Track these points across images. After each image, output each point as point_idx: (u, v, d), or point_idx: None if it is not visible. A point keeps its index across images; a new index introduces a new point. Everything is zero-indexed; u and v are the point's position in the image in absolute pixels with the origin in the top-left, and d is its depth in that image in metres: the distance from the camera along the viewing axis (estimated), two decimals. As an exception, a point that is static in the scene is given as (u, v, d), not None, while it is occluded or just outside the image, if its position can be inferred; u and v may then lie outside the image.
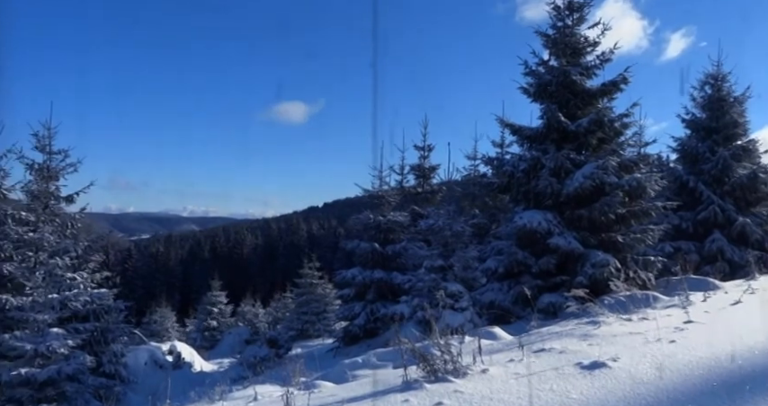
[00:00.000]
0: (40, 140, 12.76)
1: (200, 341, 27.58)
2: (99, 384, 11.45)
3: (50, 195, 12.98)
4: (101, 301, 12.96)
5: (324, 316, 25.44)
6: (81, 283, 12.53)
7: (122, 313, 14.14)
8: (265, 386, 6.40)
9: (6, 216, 11.80)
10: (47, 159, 12.86)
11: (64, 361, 10.17)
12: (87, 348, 12.08)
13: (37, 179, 12.78)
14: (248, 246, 78.81)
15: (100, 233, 19.66)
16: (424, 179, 17.63)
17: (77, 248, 13.02)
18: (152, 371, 15.46)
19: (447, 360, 4.79)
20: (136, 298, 27.89)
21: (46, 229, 12.35)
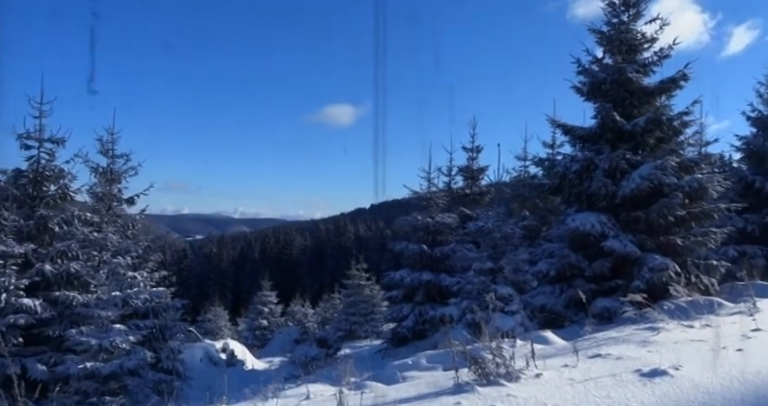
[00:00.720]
0: (104, 144, 13.40)
1: (251, 340, 28.24)
2: (158, 379, 11.89)
3: (113, 197, 13.61)
4: (159, 299, 13.44)
5: (371, 317, 25.58)
6: (141, 281, 13.04)
7: (179, 311, 14.62)
8: (317, 385, 6.49)
9: (73, 217, 12.45)
10: (110, 162, 13.49)
11: (126, 356, 10.61)
12: (147, 345, 12.55)
13: (101, 181, 13.42)
14: (297, 247, 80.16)
15: (158, 233, 20.48)
16: (473, 180, 17.45)
17: (138, 248, 13.57)
18: (207, 368, 15.95)
19: (499, 364, 4.73)
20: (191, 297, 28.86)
21: (109, 230, 12.95)
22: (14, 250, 10.83)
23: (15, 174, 12.28)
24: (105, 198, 13.43)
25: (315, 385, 6.37)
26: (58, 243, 11.99)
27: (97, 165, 13.39)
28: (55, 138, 12.31)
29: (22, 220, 11.85)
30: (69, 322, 11.40)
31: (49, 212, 12.20)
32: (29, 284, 11.01)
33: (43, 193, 12.41)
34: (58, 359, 10.72)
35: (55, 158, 12.46)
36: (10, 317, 10.26)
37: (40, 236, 12.16)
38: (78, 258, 12.25)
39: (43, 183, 12.40)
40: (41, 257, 11.76)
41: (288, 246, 79.93)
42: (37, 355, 10.95)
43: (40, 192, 12.39)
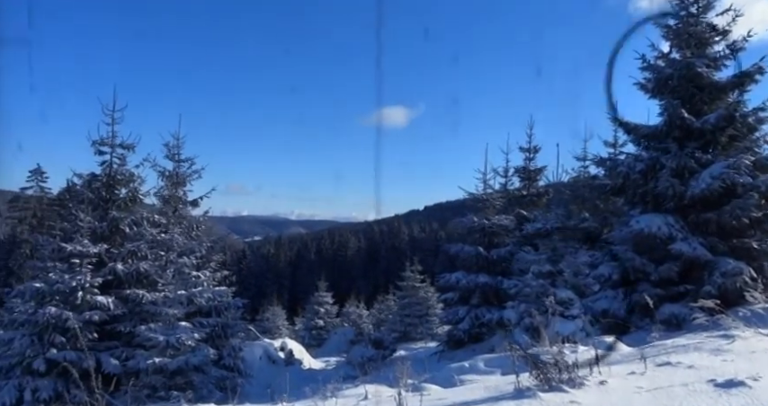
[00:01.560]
0: (171, 149, 14.02)
1: (307, 339, 28.74)
2: (220, 376, 12.29)
3: (179, 199, 14.20)
4: (221, 298, 13.90)
5: (426, 319, 25.47)
6: (204, 281, 13.52)
7: (240, 310, 15.04)
8: (374, 386, 6.53)
9: (142, 219, 13.08)
10: (176, 166, 14.09)
11: (191, 353, 11.03)
12: (210, 342, 13.00)
13: (167, 185, 14.04)
14: (352, 249, 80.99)
15: (219, 234, 21.24)
16: (530, 181, 17.09)
17: (201, 248, 14.09)
18: (266, 366, 16.37)
19: (562, 369, 4.61)
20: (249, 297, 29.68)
21: (175, 231, 13.52)
22: (89, 250, 11.48)
23: (90, 178, 13.04)
24: (171, 201, 14.03)
25: (372, 386, 6.41)
26: (129, 244, 12.62)
27: (164, 169, 14.01)
28: (126, 144, 12.98)
29: (96, 222, 12.56)
30: (139, 319, 11.95)
31: (120, 214, 12.87)
32: (102, 282, 11.63)
33: (115, 196, 13.11)
34: (129, 354, 11.27)
35: (126, 163, 13.15)
36: (86, 313, 10.87)
37: (113, 237, 12.84)
38: (147, 258, 12.84)
39: (115, 187, 13.10)
40: (114, 257, 12.41)
41: (342, 247, 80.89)
42: (110, 349, 11.55)
43: (113, 195, 13.09)
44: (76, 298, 10.81)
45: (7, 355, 10.50)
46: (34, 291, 10.88)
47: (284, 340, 20.98)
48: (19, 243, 39.08)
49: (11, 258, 38.94)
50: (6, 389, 9.89)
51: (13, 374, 10.27)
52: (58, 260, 11.37)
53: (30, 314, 10.56)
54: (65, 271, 11.06)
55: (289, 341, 21.08)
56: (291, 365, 16.81)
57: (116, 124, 12.82)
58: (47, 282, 10.89)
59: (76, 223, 11.91)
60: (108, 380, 8.01)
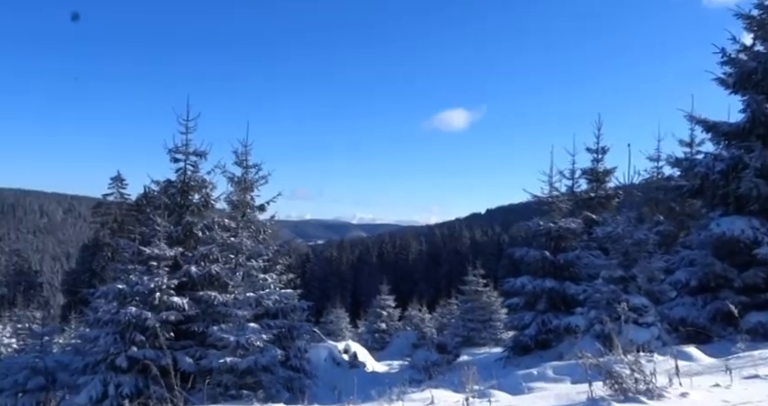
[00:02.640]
0: (239, 156, 14.53)
1: (370, 342, 28.95)
2: (288, 377, 12.60)
3: (247, 204, 14.70)
4: (287, 300, 14.24)
5: (489, 324, 25.05)
6: (271, 283, 13.90)
7: (305, 313, 15.35)
8: (440, 391, 6.50)
9: (214, 223, 13.65)
10: (244, 172, 14.59)
11: (259, 353, 11.36)
12: (277, 343, 13.33)
13: (236, 190, 14.57)
14: (413, 252, 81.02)
15: (285, 238, 21.80)
16: (598, 183, 16.49)
17: (268, 252, 14.51)
18: (330, 367, 16.64)
19: (638, 379, 4.42)
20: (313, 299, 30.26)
21: (244, 235, 14.00)
22: (166, 253, 12.09)
23: (166, 185, 13.75)
24: (240, 206, 14.55)
25: (438, 391, 6.38)
26: (202, 247, 13.18)
27: (233, 175, 14.54)
28: (198, 151, 13.61)
29: (172, 226, 13.21)
30: (211, 320, 12.45)
31: (193, 219, 13.49)
32: (177, 284, 12.21)
33: (189, 201, 13.75)
34: (203, 353, 11.75)
35: (198, 170, 13.78)
36: (163, 313, 11.45)
37: (187, 241, 13.47)
38: (218, 260, 13.36)
39: (189, 193, 13.74)
40: (188, 259, 13.00)
41: (404, 251, 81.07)
42: (185, 349, 12.10)
43: (187, 201, 13.74)
44: (154, 299, 11.40)
45: (93, 351, 11.22)
46: (116, 292, 11.57)
47: (348, 343, 21.25)
48: (101, 247, 41.80)
49: (94, 260, 41.70)
50: (93, 384, 10.57)
51: (98, 369, 10.96)
52: (137, 262, 12.05)
53: (113, 314, 11.24)
54: (144, 273, 11.70)
55: (352, 344, 21.33)
56: (355, 367, 17.00)
57: (189, 132, 13.47)
58: (128, 283, 11.56)
59: (154, 227, 12.57)
60: (183, 377, 8.39)
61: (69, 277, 44.92)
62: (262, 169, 14.75)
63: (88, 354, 11.62)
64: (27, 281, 45.48)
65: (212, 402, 9.65)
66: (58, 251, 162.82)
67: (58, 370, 12.54)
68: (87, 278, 39.55)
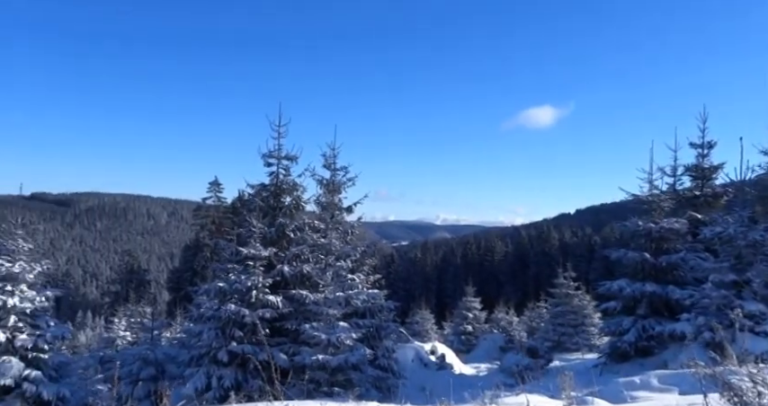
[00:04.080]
0: (327, 159, 14.94)
1: (456, 344, 28.71)
2: (377, 376, 12.77)
3: (335, 206, 15.08)
4: (375, 300, 14.42)
5: (582, 329, 24.04)
6: (359, 283, 14.16)
7: (392, 313, 15.49)
8: (535, 396, 6.30)
9: (304, 225, 14.12)
10: (332, 175, 14.98)
11: (349, 351, 11.61)
12: (365, 342, 13.55)
13: (325, 192, 14.99)
14: (498, 253, 79.34)
15: (370, 239, 22.13)
16: (704, 180, 15.29)
17: (356, 252, 14.78)
18: (418, 368, 16.66)
19: (762, 393, 4.03)
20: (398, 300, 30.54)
21: (333, 235, 14.36)
22: (261, 253, 12.66)
23: (260, 188, 14.41)
24: (329, 208, 14.94)
25: (533, 396, 6.19)
26: (293, 248, 13.68)
27: (322, 178, 14.97)
28: (290, 155, 14.15)
29: (266, 227, 13.81)
30: (303, 318, 12.86)
31: (286, 220, 14.02)
32: (272, 282, 12.74)
33: (281, 204, 14.32)
34: (296, 350, 12.18)
35: (290, 173, 14.31)
36: (259, 311, 11.98)
37: (280, 241, 14.03)
38: (309, 261, 13.80)
39: (281, 195, 14.31)
40: (281, 259, 13.53)
41: (489, 252, 79.60)
42: (279, 345, 12.59)
43: (279, 203, 14.32)
44: (251, 297, 11.97)
45: (197, 345, 11.96)
46: (217, 290, 12.26)
47: (434, 344, 21.19)
48: (201, 247, 44.57)
49: (195, 260, 44.55)
50: (198, 376, 11.27)
51: (202, 362, 11.67)
52: (235, 262, 12.71)
53: (214, 310, 11.92)
54: (241, 272, 12.32)
55: (438, 345, 21.25)
56: (443, 369, 16.90)
57: (281, 138, 14.03)
58: (227, 282, 12.22)
59: (250, 228, 13.20)
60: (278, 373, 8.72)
61: (173, 275, 48.24)
62: (349, 171, 15.08)
63: (193, 347, 12.40)
64: (137, 279, 49.43)
65: (306, 398, 9.97)
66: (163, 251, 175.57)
67: (166, 362, 13.50)
68: (189, 277, 42.34)
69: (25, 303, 10.25)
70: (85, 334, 39.41)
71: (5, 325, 9.95)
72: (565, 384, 5.91)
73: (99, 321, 48.35)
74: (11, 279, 10.24)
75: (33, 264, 10.66)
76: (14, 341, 9.95)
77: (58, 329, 10.80)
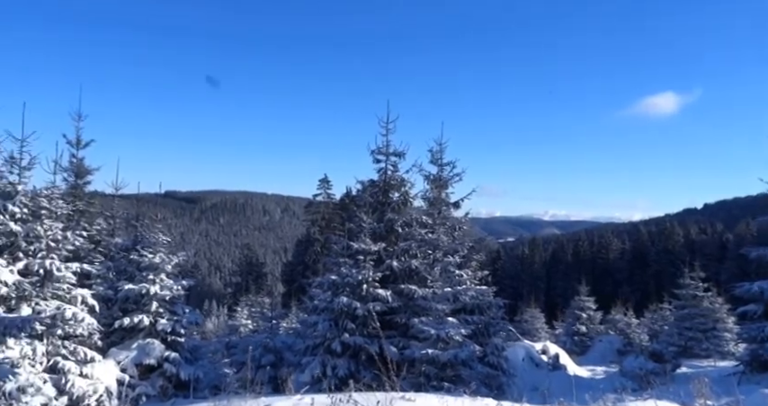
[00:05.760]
0: (434, 155, 14.96)
1: (569, 345, 27.53)
2: (486, 373, 12.59)
3: (442, 202, 15.07)
4: (483, 297, 14.23)
5: (713, 334, 22.04)
6: (467, 279, 14.05)
7: (500, 310, 15.19)
8: (664, 402, 5.87)
9: (412, 220, 14.26)
10: (439, 170, 14.99)
11: (459, 347, 11.55)
12: (474, 339, 13.42)
13: (432, 188, 15.02)
14: (614, 251, 74.75)
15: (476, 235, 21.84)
16: None
17: (463, 248, 14.67)
18: (529, 367, 16.20)
19: None
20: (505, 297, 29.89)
21: (440, 231, 14.37)
22: (371, 248, 12.96)
23: (369, 184, 14.77)
24: (436, 203, 14.96)
25: (663, 402, 5.77)
26: (402, 243, 13.86)
27: (429, 173, 15.02)
28: (398, 152, 14.35)
29: (375, 223, 14.12)
30: (412, 312, 13.00)
31: (394, 216, 14.25)
32: (381, 277, 13.01)
33: (390, 199, 14.56)
34: (405, 344, 12.35)
35: (398, 169, 14.52)
36: (369, 304, 12.29)
37: (388, 236, 14.28)
38: (417, 256, 13.91)
39: (389, 191, 14.56)
40: (390, 254, 13.77)
41: (603, 250, 75.23)
42: (389, 338, 12.83)
43: (387, 199, 14.57)
44: (362, 290, 12.31)
45: (312, 335, 12.53)
46: (330, 282, 12.76)
47: (546, 344, 20.47)
48: (312, 242, 46.58)
49: (306, 254, 46.66)
50: (314, 364, 11.81)
51: (317, 351, 12.21)
52: (346, 256, 13.13)
53: (327, 302, 12.42)
54: (352, 266, 12.71)
55: (550, 345, 20.50)
56: (557, 369, 16.28)
57: (389, 134, 14.27)
58: (339, 275, 12.67)
59: (360, 224, 13.57)
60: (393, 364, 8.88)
61: (287, 268, 50.90)
62: (456, 166, 15.01)
63: (308, 337, 13.01)
64: (255, 271, 52.79)
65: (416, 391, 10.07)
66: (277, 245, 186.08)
67: (284, 350, 14.30)
68: (302, 270, 44.45)
69: (164, 291, 11.35)
70: (212, 321, 42.84)
71: (149, 310, 11.09)
72: (700, 392, 5.44)
73: (223, 309, 52.34)
74: (153, 269, 11.40)
75: (171, 256, 11.77)
76: (156, 325, 11.06)
77: (191, 315, 11.85)
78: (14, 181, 9.04)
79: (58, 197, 11.51)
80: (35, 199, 9.59)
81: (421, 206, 15.31)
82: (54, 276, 8.22)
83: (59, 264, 8.30)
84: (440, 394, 6.24)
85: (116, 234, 14.45)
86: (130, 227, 14.21)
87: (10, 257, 8.28)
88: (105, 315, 10.98)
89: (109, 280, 12.07)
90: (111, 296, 11.61)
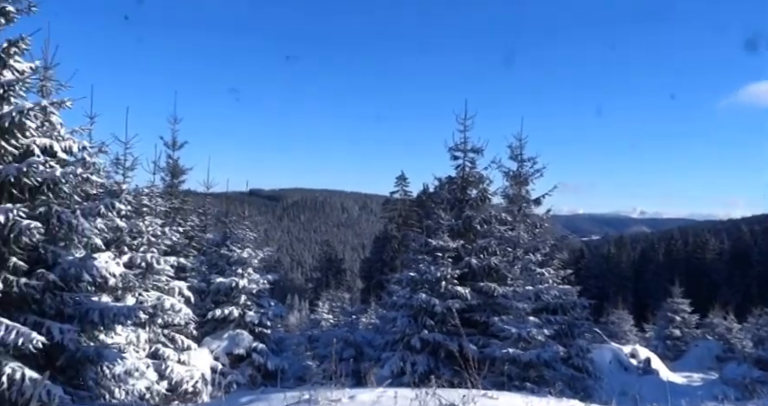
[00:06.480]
0: (514, 150, 14.65)
1: (660, 349, 26.07)
2: (570, 375, 12.20)
3: (522, 198, 14.73)
4: (566, 296, 13.78)
5: (829, 342, 20.01)
6: (549, 278, 13.64)
7: (585, 310, 14.65)
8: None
9: (491, 217, 14.04)
10: (519, 166, 14.66)
11: (541, 348, 11.27)
12: (557, 340, 13.02)
13: (512, 184, 14.72)
14: (711, 251, 69.64)
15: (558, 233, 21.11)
16: None
17: (545, 246, 14.26)
18: (616, 371, 15.50)
19: None
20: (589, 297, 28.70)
21: (521, 228, 14.06)
22: (449, 245, 12.91)
23: (447, 181, 14.70)
24: (516, 200, 14.65)
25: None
26: (480, 240, 13.69)
27: (508, 169, 14.73)
28: (475, 148, 14.17)
29: (453, 220, 14.03)
30: (492, 311, 12.83)
31: (472, 213, 14.09)
32: (460, 274, 12.93)
33: (467, 196, 14.41)
34: (485, 342, 12.20)
35: (476, 165, 14.34)
36: (448, 301, 12.26)
37: (467, 234, 14.14)
38: (496, 253, 13.69)
39: (467, 188, 14.41)
40: (468, 251, 13.64)
41: (699, 249, 70.29)
42: (468, 336, 12.72)
43: (465, 196, 14.43)
44: (441, 287, 12.30)
45: (392, 331, 12.68)
46: (409, 279, 12.85)
47: (635, 347, 19.53)
48: (389, 239, 47.07)
49: (384, 251, 47.21)
50: (393, 360, 11.96)
51: (396, 347, 12.34)
52: (424, 253, 13.16)
53: (406, 299, 12.52)
54: (430, 263, 12.72)
55: (640, 349, 19.52)
56: (647, 374, 15.47)
57: (467, 131, 14.12)
58: (417, 272, 12.73)
59: (438, 221, 13.55)
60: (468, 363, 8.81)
61: (365, 265, 51.78)
62: (537, 162, 14.63)
63: (387, 333, 13.19)
64: (335, 267, 54.15)
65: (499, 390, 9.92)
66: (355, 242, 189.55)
67: (363, 344, 14.59)
68: (379, 267, 45.03)
69: (252, 284, 11.94)
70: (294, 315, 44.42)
71: (238, 303, 11.71)
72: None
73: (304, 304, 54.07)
74: (241, 263, 12.01)
75: (257, 251, 12.34)
76: (245, 317, 11.66)
77: (277, 308, 12.39)
78: (120, 181, 9.85)
79: (157, 195, 12.40)
80: (137, 197, 10.40)
81: (500, 203, 15.04)
82: (154, 268, 8.88)
83: (159, 258, 8.95)
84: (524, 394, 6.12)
85: (208, 230, 15.36)
86: (220, 223, 15.04)
87: (116, 250, 9.02)
88: (199, 306, 11.71)
89: (202, 273, 12.84)
90: (204, 289, 12.36)
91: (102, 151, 7.18)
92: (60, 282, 6.20)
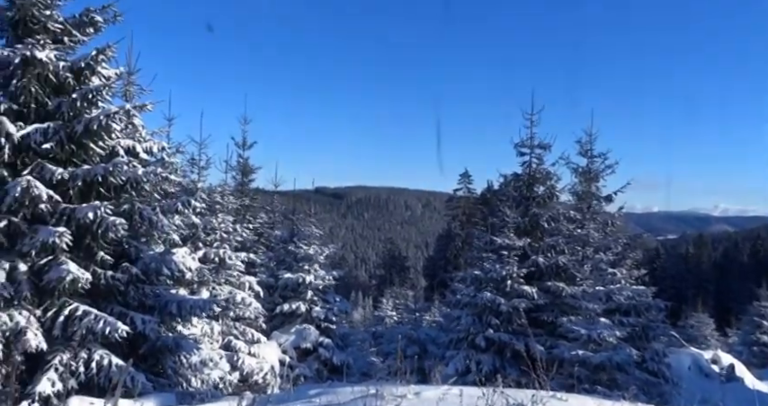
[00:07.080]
0: (583, 146, 14.17)
1: (745, 356, 24.45)
2: (645, 380, 11.68)
3: (592, 195, 14.23)
4: (640, 297, 13.18)
5: None
6: (621, 278, 13.09)
7: (661, 313, 13.98)
8: None
9: (559, 215, 13.65)
10: (588, 162, 14.17)
11: (613, 350, 10.84)
12: (630, 342, 12.48)
13: (581, 181, 14.24)
14: (804, 251, 64.43)
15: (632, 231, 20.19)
16: None
17: (617, 245, 13.71)
18: (696, 377, 14.65)
19: None
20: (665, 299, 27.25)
21: (590, 226, 13.58)
22: (515, 243, 12.67)
23: (513, 178, 14.41)
24: (585, 197, 14.16)
25: None
26: (548, 238, 13.34)
27: (577, 166, 14.28)
28: (543, 144, 13.82)
29: (519, 217, 13.75)
30: (560, 311, 12.48)
31: (539, 210, 13.75)
32: (526, 273, 12.65)
33: (534, 193, 14.08)
34: (552, 343, 11.88)
35: (543, 162, 14.00)
36: (514, 300, 12.03)
37: (533, 231, 13.82)
38: (564, 252, 13.30)
39: (534, 185, 14.08)
40: (535, 250, 13.33)
41: (789, 249, 65.22)
42: (535, 336, 12.43)
43: (532, 193, 14.10)
44: (506, 286, 12.09)
45: (456, 329, 12.60)
46: (473, 277, 12.71)
47: (716, 353, 18.38)
48: (453, 237, 46.72)
49: (447, 249, 46.93)
50: (457, 358, 11.88)
51: (461, 346, 12.26)
52: (489, 251, 12.98)
53: (471, 297, 12.40)
54: (495, 261, 12.53)
55: (722, 355, 18.36)
56: (731, 381, 14.53)
57: (534, 126, 13.79)
58: (482, 270, 12.57)
59: (503, 218, 13.33)
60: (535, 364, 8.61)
61: (429, 262, 51.72)
62: (608, 158, 14.11)
63: (451, 331, 13.12)
64: (398, 265, 54.40)
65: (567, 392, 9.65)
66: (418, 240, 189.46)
67: (427, 342, 14.58)
68: (443, 264, 44.80)
69: (318, 280, 12.22)
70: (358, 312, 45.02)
71: (305, 298, 12.02)
72: None
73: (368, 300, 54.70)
74: (307, 260, 12.32)
75: (322, 248, 12.62)
76: (311, 312, 11.95)
77: (342, 304, 12.62)
78: (195, 180, 10.34)
79: (228, 193, 12.93)
80: (211, 195, 10.90)
81: (568, 200, 14.63)
82: (227, 264, 9.27)
83: (231, 253, 9.34)
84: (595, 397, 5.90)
85: (276, 227, 15.85)
86: (287, 221, 15.49)
87: (192, 246, 9.49)
88: (268, 301, 12.12)
89: (270, 269, 13.28)
90: (273, 284, 12.77)
91: (179, 151, 7.58)
92: (142, 275, 6.60)
